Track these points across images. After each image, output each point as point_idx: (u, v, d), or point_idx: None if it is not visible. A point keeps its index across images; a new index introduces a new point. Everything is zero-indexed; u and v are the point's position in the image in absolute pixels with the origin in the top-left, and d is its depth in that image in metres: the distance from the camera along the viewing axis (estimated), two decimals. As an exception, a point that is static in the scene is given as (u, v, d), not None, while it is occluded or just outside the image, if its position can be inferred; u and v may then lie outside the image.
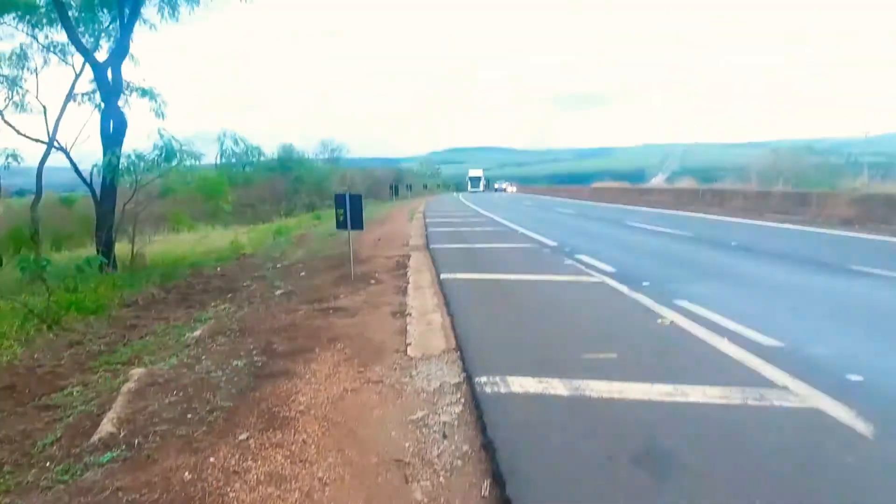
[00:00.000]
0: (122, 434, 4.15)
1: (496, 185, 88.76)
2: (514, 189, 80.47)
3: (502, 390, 4.49)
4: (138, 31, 15.14)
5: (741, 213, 21.58)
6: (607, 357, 5.18)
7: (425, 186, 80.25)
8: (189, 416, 4.37)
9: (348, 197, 10.08)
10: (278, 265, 13.69)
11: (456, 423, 4.11)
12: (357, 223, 10.11)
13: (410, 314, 7.30)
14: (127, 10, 14.18)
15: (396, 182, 55.14)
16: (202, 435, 3.99)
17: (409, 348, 5.88)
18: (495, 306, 7.53)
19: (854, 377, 4.60)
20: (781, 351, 5.29)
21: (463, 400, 4.47)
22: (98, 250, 13.37)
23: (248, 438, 3.87)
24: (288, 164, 46.00)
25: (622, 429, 3.83)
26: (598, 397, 4.31)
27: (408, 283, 9.48)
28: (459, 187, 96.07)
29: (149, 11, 15.39)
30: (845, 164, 34.80)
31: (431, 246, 14.14)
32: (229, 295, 10.43)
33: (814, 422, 3.91)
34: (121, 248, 14.39)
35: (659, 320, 6.45)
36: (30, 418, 5.14)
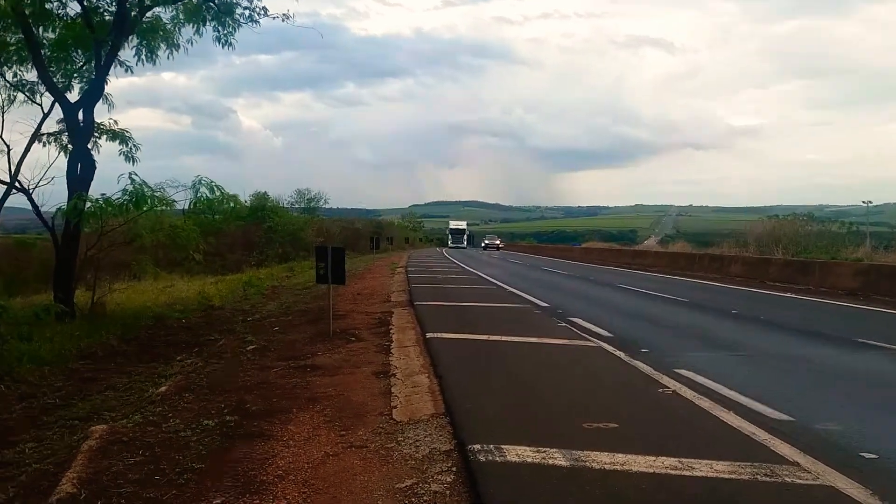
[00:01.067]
0: (84, 495, 4.05)
1: (486, 241, 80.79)
2: (502, 245, 79.94)
3: (497, 459, 4.47)
4: (113, 72, 15.33)
5: (741, 279, 21.89)
6: (608, 427, 5.19)
7: (407, 240, 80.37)
8: (157, 477, 4.29)
9: (330, 250, 10.16)
10: (249, 319, 13.61)
11: (448, 492, 4.07)
12: (338, 277, 10.16)
13: (395, 375, 7.28)
14: (103, 53, 14.44)
15: (377, 234, 55.20)
16: (172, 498, 3.92)
17: (394, 411, 5.85)
18: (486, 369, 7.54)
19: (868, 455, 4.65)
20: (791, 425, 5.33)
21: (455, 468, 4.43)
22: (56, 297, 13.20)
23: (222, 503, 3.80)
24: (261, 212, 46.02)
25: None
26: (600, 469, 4.31)
27: (391, 341, 9.47)
28: (443, 242, 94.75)
29: (125, 53, 15.69)
30: (847, 232, 35.52)
31: (416, 302, 14.16)
32: (196, 349, 10.32)
33: (828, 500, 3.93)
34: (80, 295, 14.22)
35: (661, 389, 6.48)
36: (-24, 477, 5.00)
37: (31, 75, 15.26)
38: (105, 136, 15.82)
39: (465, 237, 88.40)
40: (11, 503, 4.23)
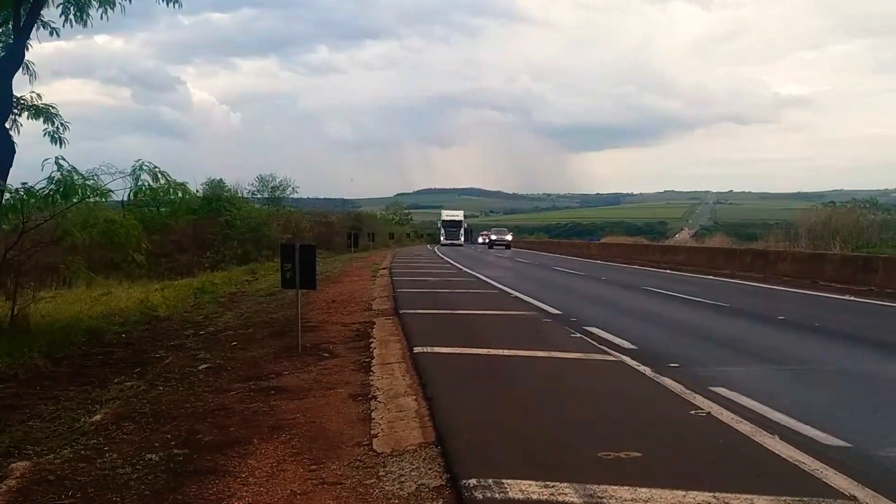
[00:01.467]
0: (1, 546, 4.05)
1: (492, 236, 73.64)
2: (510, 238, 73.47)
3: (497, 496, 4.49)
4: (35, 35, 15.22)
5: (790, 279, 22.02)
6: (629, 456, 5.22)
7: (392, 236, 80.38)
8: (89, 523, 4.30)
9: (298, 249, 10.15)
10: (202, 332, 13.60)
11: (438, 537, 4.09)
12: (308, 281, 10.17)
13: (376, 397, 7.30)
14: (23, 12, 14.35)
15: (356, 230, 55.28)
16: (107, 548, 3.92)
17: (374, 441, 5.87)
18: (485, 389, 7.57)
19: (938, 487, 4.69)
20: (847, 452, 5.38)
21: (446, 508, 4.46)
22: (-33, 309, 13.19)
23: (167, 553, 3.81)
24: (216, 204, 45.98)
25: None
26: (620, 507, 4.34)
27: (371, 357, 9.50)
28: (435, 237, 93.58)
29: (50, 12, 15.57)
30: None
31: (402, 311, 14.19)
32: (138, 369, 10.32)
33: (890, 542, 3.96)
34: (-3, 306, 14.21)
35: (692, 411, 6.52)
36: None
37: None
38: (26, 113, 15.73)
39: (462, 231, 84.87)
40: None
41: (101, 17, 15.76)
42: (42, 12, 15.07)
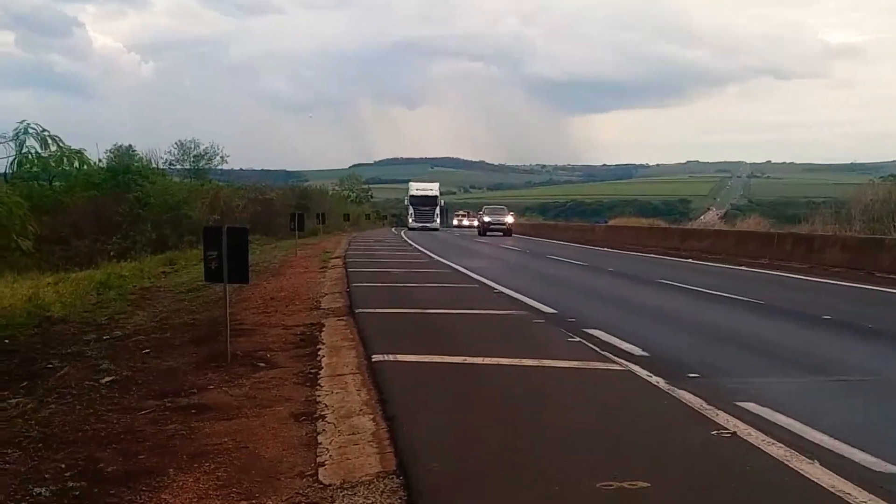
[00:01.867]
0: None
1: (486, 217, 62.36)
2: (512, 220, 64.44)
3: (471, 537, 4.54)
4: None
5: (839, 270, 22.26)
6: (634, 487, 5.27)
7: (347, 217, 79.98)
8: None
9: (226, 232, 10.11)
10: (106, 337, 13.51)
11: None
12: (239, 273, 10.12)
13: (323, 417, 7.31)
14: None
15: (301, 209, 54.99)
16: None
17: (321, 470, 5.89)
18: (460, 406, 7.60)
19: None
20: (902, 481, 5.46)
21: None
22: None
23: None
24: (124, 177, 45.64)
25: None
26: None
27: (319, 367, 9.50)
28: (401, 219, 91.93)
29: None
30: None
31: (358, 310, 14.19)
32: (25, 383, 10.22)
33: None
34: None
35: (714, 431, 6.59)
36: None
37: None
38: None
39: (438, 210, 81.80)
40: None
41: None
42: None
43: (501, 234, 58.89)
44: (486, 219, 61.96)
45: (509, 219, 62.69)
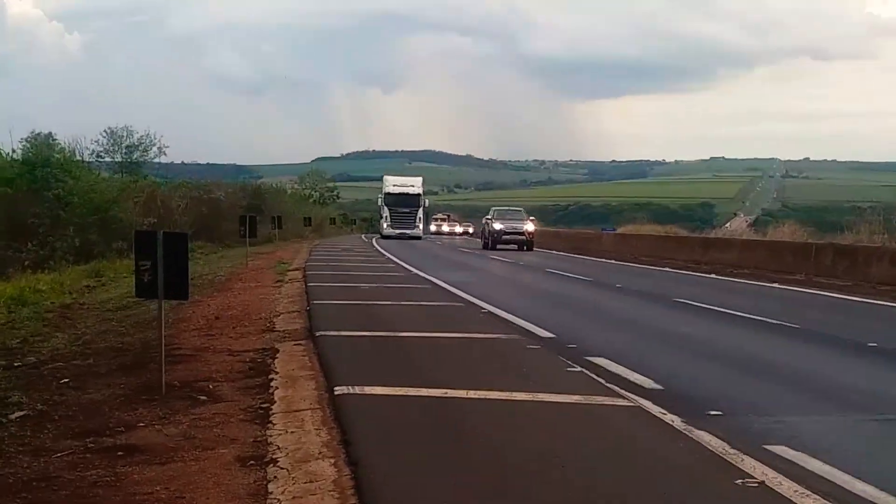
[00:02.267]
0: None
1: (498, 224, 53.13)
2: (533, 228, 55.24)
3: None
4: None
5: (888, 289, 22.32)
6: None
7: (308, 221, 79.74)
8: None
9: (162, 238, 10.08)
10: (18, 363, 13.45)
11: None
12: (177, 287, 10.09)
13: (276, 461, 7.26)
14: None
15: (254, 211, 54.85)
16: None
17: (271, 527, 5.87)
18: (437, 449, 7.56)
19: None
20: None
21: None
22: None
23: None
24: (42, 171, 45.43)
25: None
26: None
27: (272, 401, 9.46)
28: (373, 225, 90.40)
29: None
30: None
31: (319, 332, 14.16)
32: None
33: None
34: None
35: (739, 480, 6.58)
36: None
37: None
38: None
39: (420, 213, 77.16)
40: None
41: None
42: None
43: (517, 246, 51.16)
44: (498, 226, 53.25)
45: (529, 226, 53.76)
